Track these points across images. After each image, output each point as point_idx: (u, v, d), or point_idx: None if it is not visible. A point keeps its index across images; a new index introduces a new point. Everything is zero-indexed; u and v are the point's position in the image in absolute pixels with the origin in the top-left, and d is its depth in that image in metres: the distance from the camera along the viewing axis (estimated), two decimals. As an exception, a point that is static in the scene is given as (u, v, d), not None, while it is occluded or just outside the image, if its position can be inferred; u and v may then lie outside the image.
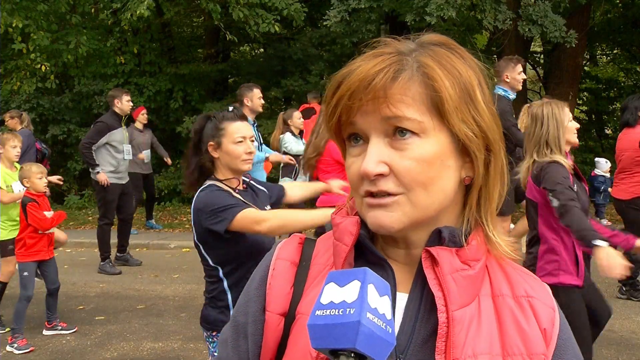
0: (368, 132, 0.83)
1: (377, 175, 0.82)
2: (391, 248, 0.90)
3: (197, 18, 15.29)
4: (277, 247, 0.98)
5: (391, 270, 0.88)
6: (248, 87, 6.10)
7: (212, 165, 2.76)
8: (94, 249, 8.89)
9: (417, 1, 9.03)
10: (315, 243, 0.97)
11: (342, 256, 0.88)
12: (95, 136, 7.30)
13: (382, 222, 0.83)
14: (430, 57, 0.84)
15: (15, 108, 9.91)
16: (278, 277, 0.93)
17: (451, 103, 0.82)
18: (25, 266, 5.06)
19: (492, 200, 0.89)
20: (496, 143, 0.86)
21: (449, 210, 0.88)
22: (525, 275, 0.92)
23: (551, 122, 3.28)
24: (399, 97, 0.81)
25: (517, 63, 5.45)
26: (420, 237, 0.87)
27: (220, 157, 2.73)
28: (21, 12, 11.13)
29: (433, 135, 0.82)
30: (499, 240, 0.89)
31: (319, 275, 0.92)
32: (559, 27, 9.30)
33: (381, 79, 0.81)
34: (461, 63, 0.85)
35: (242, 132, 2.75)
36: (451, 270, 0.84)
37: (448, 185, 0.84)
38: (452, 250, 0.85)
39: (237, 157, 2.72)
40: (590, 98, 16.48)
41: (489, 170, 0.87)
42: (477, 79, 0.85)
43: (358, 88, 0.82)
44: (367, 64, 0.83)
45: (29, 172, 5.10)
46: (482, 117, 0.84)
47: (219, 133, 2.73)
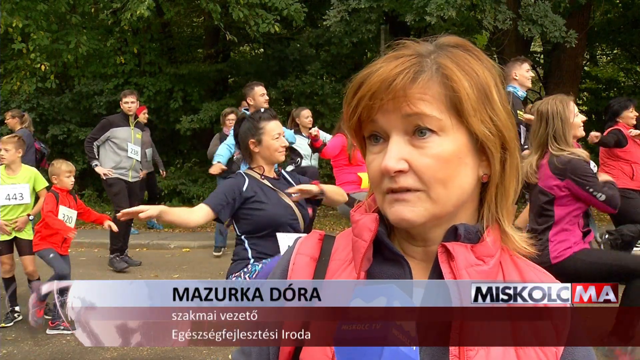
0: (388, 130, 0.86)
1: (397, 172, 0.85)
2: (409, 245, 0.93)
3: (197, 18, 15.28)
4: (298, 242, 1.01)
5: (408, 266, 0.91)
6: (250, 87, 6.25)
7: (250, 158, 3.36)
8: (93, 249, 8.90)
9: (417, 1, 9.03)
10: (335, 239, 1.00)
11: (361, 252, 0.90)
12: (97, 132, 7.43)
13: (405, 216, 0.86)
14: (449, 59, 0.87)
15: (15, 108, 9.90)
16: (298, 271, 0.96)
17: (469, 103, 0.85)
18: (45, 252, 5.24)
19: (508, 197, 0.92)
20: (512, 141, 0.89)
21: (466, 207, 0.91)
22: (538, 272, 0.94)
23: (556, 119, 3.37)
24: (419, 96, 0.84)
25: (524, 62, 5.61)
26: (438, 233, 0.90)
27: (260, 152, 3.32)
28: (21, 12, 11.12)
29: (452, 134, 0.85)
30: (515, 235, 0.92)
31: (338, 270, 0.94)
32: (559, 27, 9.30)
33: (402, 79, 0.84)
34: (478, 64, 0.88)
35: (278, 129, 3.33)
36: (466, 265, 0.86)
37: (466, 182, 0.88)
38: (468, 246, 0.88)
39: (275, 150, 3.30)
40: (590, 98, 16.47)
41: (505, 168, 0.90)
42: (493, 79, 0.89)
43: (379, 88, 0.85)
44: (388, 65, 0.86)
45: (58, 170, 5.39)
46: (498, 117, 0.87)
47: (259, 132, 3.30)
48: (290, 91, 12.68)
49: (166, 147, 10.59)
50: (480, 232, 0.91)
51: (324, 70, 13.06)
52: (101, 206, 12.14)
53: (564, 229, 3.43)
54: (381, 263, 0.92)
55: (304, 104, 11.94)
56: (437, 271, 0.88)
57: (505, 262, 0.93)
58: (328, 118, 12.08)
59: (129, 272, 7.44)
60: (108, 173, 7.30)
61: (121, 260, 7.60)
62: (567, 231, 3.43)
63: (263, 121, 3.31)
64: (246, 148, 3.34)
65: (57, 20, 12.25)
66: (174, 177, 12.42)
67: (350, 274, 0.92)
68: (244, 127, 3.35)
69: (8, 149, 5.53)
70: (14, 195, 5.36)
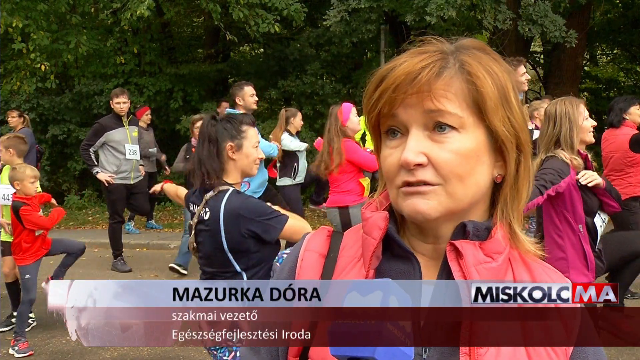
0: (409, 124, 0.87)
1: (416, 165, 0.86)
2: (419, 242, 0.94)
3: (197, 18, 15.28)
4: (306, 239, 1.01)
5: (417, 263, 0.91)
6: (239, 86, 5.98)
7: (220, 168, 2.70)
8: (94, 249, 8.89)
9: (417, 1, 9.03)
10: (343, 236, 1.00)
11: (371, 249, 0.91)
12: (91, 137, 7.32)
13: (420, 208, 0.87)
14: (471, 58, 0.88)
15: (15, 108, 9.89)
16: (306, 268, 0.96)
17: (492, 101, 0.86)
18: (26, 269, 5.01)
19: (521, 199, 0.93)
20: (527, 144, 0.91)
21: (478, 207, 0.91)
22: (547, 269, 0.95)
23: (564, 121, 3.23)
24: (442, 92, 0.85)
25: (519, 64, 5.42)
26: (449, 230, 0.91)
27: (237, 160, 2.72)
28: (21, 12, 11.12)
29: (471, 132, 0.87)
30: (524, 239, 0.93)
31: (346, 267, 0.94)
32: (559, 27, 9.30)
33: (427, 73, 0.85)
34: (497, 66, 0.90)
35: (257, 137, 2.81)
36: (475, 263, 0.87)
37: (482, 180, 0.89)
38: (476, 243, 0.88)
39: (253, 161, 2.75)
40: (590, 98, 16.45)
41: (519, 170, 0.91)
42: (511, 81, 0.90)
43: (404, 81, 0.86)
44: (413, 59, 0.87)
45: (22, 175, 4.92)
46: (515, 118, 0.89)
47: (241, 135, 2.72)
48: (291, 91, 12.67)
49: (166, 147, 10.58)
50: (489, 228, 0.91)
51: (324, 70, 13.06)
52: (101, 206, 12.14)
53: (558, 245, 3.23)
54: (390, 260, 0.92)
55: (304, 104, 11.95)
56: (446, 269, 0.89)
57: (514, 259, 0.93)
58: (328, 118, 12.07)
59: (124, 275, 7.44)
60: (110, 179, 7.24)
61: (124, 263, 7.61)
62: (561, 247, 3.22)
63: (245, 125, 2.76)
64: (220, 153, 2.69)
65: (57, 20, 12.25)
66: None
67: (359, 271, 0.92)
68: (220, 128, 2.72)
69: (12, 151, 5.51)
70: (2, 196, 5.32)
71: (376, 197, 0.98)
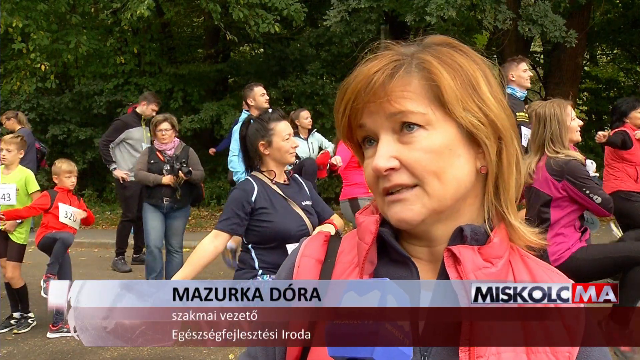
0: (377, 131, 0.87)
1: (389, 170, 0.85)
2: (414, 246, 0.92)
3: (197, 18, 15.29)
4: (303, 244, 1.00)
5: (415, 268, 0.89)
6: (249, 88, 6.22)
7: (260, 161, 3.25)
8: (93, 249, 8.90)
9: (417, 1, 9.04)
10: (341, 240, 0.98)
11: (363, 254, 0.90)
12: (112, 133, 7.34)
13: (403, 216, 0.86)
14: (430, 54, 0.87)
15: (15, 108, 9.89)
16: (303, 274, 0.95)
17: (451, 92, 0.84)
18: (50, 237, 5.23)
19: (510, 188, 0.90)
20: (507, 131, 0.88)
21: (470, 203, 0.89)
22: (549, 271, 0.93)
23: (553, 122, 3.42)
24: (399, 92, 0.84)
25: (520, 62, 5.50)
26: (442, 232, 0.89)
27: (270, 154, 3.21)
28: (21, 12, 11.13)
29: (439, 127, 0.85)
30: (523, 229, 0.91)
31: (343, 273, 0.93)
32: (559, 27, 9.31)
33: (379, 77, 0.84)
34: (463, 58, 0.88)
35: (288, 130, 3.25)
36: (474, 268, 0.85)
37: (461, 173, 0.86)
38: (475, 248, 0.86)
39: (286, 152, 3.20)
40: (590, 98, 16.47)
41: (502, 158, 0.89)
42: (481, 71, 0.88)
43: (360, 89, 0.85)
44: (367, 66, 0.87)
45: (59, 170, 5.41)
46: (488, 107, 0.86)
47: (269, 133, 3.19)
48: (291, 91, 12.68)
49: (166, 147, 10.63)
50: (488, 232, 0.89)
51: (324, 70, 13.06)
52: (101, 206, 12.16)
53: (561, 232, 3.47)
54: (388, 265, 0.91)
55: (304, 104, 11.94)
56: (444, 275, 0.87)
57: (515, 262, 0.91)
58: (328, 118, 12.08)
59: (124, 275, 7.43)
60: (125, 177, 7.24)
61: (125, 263, 7.61)
62: (563, 235, 3.47)
63: (273, 122, 3.21)
64: (255, 151, 3.22)
65: (57, 20, 12.26)
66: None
67: (356, 278, 0.91)
68: (252, 129, 3.23)
69: (10, 149, 5.49)
70: (2, 196, 5.30)
71: (372, 202, 0.96)
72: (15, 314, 5.48)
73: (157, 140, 5.98)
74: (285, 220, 3.14)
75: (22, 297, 5.44)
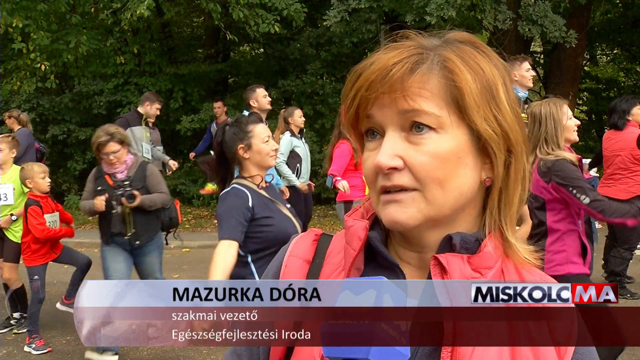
0: (384, 125, 0.82)
1: (391, 169, 0.81)
2: (404, 251, 0.89)
3: (197, 18, 15.29)
4: (292, 242, 0.97)
5: (402, 275, 0.86)
6: (251, 89, 6.27)
7: (241, 167, 3.13)
8: (94, 249, 8.88)
9: (417, 1, 9.04)
10: (331, 240, 0.95)
11: (350, 260, 0.87)
12: None
13: (397, 218, 0.82)
14: (453, 52, 0.82)
15: (15, 108, 9.87)
16: (289, 275, 0.93)
17: (471, 97, 0.80)
18: (33, 270, 4.96)
19: (512, 204, 0.86)
20: (518, 145, 0.84)
21: (468, 213, 0.86)
22: (544, 279, 0.89)
23: (549, 121, 3.38)
24: (416, 90, 0.79)
25: (523, 61, 5.46)
26: (435, 239, 0.85)
27: (250, 157, 3.10)
28: (21, 12, 11.12)
29: (451, 132, 0.80)
30: (518, 246, 0.86)
31: (331, 274, 0.90)
32: (559, 27, 9.31)
33: (399, 69, 0.79)
34: (486, 61, 0.83)
35: (267, 132, 3.15)
36: (461, 278, 0.81)
37: (465, 183, 0.82)
38: (464, 257, 0.83)
39: (267, 154, 3.10)
40: (590, 98, 16.49)
41: (509, 173, 0.85)
42: (501, 78, 0.84)
43: (376, 79, 0.80)
44: (386, 54, 0.82)
45: (31, 172, 4.93)
46: (504, 117, 0.82)
47: (248, 135, 3.09)
48: (291, 91, 12.68)
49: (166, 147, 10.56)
50: (480, 240, 0.85)
51: (324, 69, 13.06)
52: (101, 206, 12.14)
53: (559, 239, 3.36)
54: (375, 270, 0.87)
55: (304, 104, 11.95)
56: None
57: (507, 270, 0.87)
58: (328, 118, 12.09)
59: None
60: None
61: None
62: (562, 241, 3.35)
63: (251, 124, 3.12)
64: (234, 155, 3.10)
65: (57, 20, 12.25)
66: (174, 177, 12.41)
67: None
68: (229, 134, 3.10)
69: (2, 148, 5.43)
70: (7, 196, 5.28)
71: (363, 203, 0.93)
72: (15, 314, 5.48)
73: (105, 165, 4.61)
74: (283, 224, 3.09)
75: (21, 298, 5.43)
